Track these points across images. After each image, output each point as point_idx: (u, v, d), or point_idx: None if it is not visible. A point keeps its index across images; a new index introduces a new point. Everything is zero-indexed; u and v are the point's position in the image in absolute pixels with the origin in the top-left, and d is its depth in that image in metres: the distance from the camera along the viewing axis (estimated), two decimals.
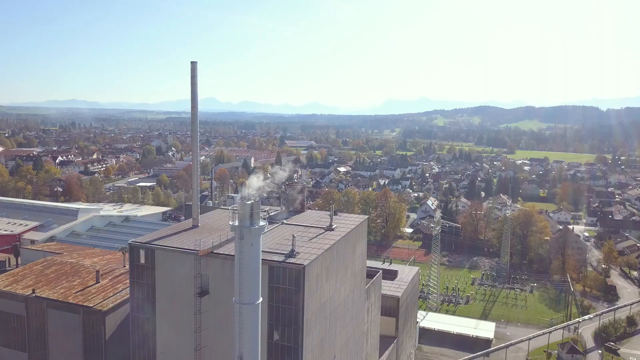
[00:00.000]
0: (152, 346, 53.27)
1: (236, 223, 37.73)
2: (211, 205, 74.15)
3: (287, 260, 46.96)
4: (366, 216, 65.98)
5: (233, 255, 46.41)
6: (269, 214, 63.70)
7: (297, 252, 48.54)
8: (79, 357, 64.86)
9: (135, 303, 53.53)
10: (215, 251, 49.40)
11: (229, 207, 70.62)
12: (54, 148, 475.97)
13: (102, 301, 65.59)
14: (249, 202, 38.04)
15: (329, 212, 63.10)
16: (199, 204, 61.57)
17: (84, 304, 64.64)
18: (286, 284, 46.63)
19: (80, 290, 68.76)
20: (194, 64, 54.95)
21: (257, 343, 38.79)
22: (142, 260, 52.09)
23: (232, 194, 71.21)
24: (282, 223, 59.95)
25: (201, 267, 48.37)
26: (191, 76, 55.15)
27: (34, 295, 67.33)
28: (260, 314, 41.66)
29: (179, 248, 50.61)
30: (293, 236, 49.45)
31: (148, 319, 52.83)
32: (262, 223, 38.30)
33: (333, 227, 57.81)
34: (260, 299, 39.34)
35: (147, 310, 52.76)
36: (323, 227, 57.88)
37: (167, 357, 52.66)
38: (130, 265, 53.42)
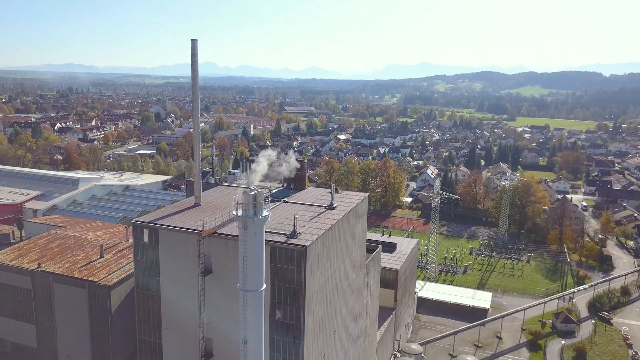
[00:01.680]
0: (157, 322, 54.60)
1: (240, 213, 38.13)
2: (213, 181, 74.39)
3: (289, 241, 47.63)
4: (366, 194, 66.34)
5: (236, 236, 47.15)
6: (270, 191, 64.10)
7: (299, 233, 49.16)
8: (85, 329, 66.57)
9: (140, 280, 54.55)
10: (218, 231, 50.00)
11: (231, 184, 71.11)
12: (52, 114, 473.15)
13: (107, 276, 66.79)
14: (253, 192, 38.34)
15: (329, 190, 63.53)
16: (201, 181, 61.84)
17: (89, 279, 65.84)
18: (288, 264, 47.43)
19: (84, 265, 69.89)
20: (194, 42, 54.16)
21: (261, 328, 39.88)
22: (146, 239, 52.78)
23: (233, 171, 71.34)
24: (284, 201, 60.43)
25: (204, 247, 49.07)
26: (191, 54, 54.43)
27: (39, 269, 68.49)
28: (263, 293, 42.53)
29: (183, 228, 51.19)
30: (295, 217, 49.98)
31: (153, 296, 53.97)
32: (265, 213, 38.70)
33: (334, 205, 58.29)
34: (264, 286, 40.17)
35: (151, 288, 53.83)
36: (324, 206, 58.37)
37: (171, 332, 54.06)
38: (134, 243, 54.14)
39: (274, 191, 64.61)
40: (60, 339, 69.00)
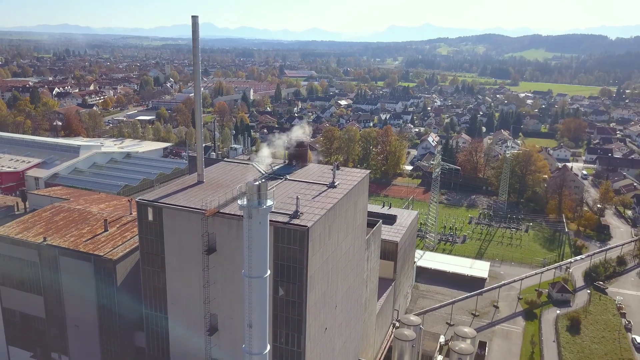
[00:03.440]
0: (163, 297, 55.93)
1: (244, 202, 38.54)
2: (214, 157, 74.55)
3: (292, 222, 48.23)
4: (368, 171, 66.47)
5: (239, 215, 47.80)
6: (272, 168, 64.41)
7: (301, 213, 49.73)
8: (92, 301, 68.10)
9: (145, 258, 55.55)
10: (221, 210, 50.55)
11: (233, 160, 71.31)
12: (50, 78, 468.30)
13: (112, 250, 67.77)
14: (257, 182, 38.61)
15: (331, 167, 63.73)
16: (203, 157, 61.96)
17: (95, 253, 66.81)
18: (291, 244, 48.21)
19: (90, 239, 70.83)
20: (195, 19, 53.32)
21: (265, 312, 41.02)
22: (150, 218, 53.43)
23: (235, 146, 71.31)
24: (286, 179, 60.75)
25: (208, 226, 49.76)
26: (192, 31, 53.67)
27: (45, 243, 69.49)
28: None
29: (186, 207, 51.71)
30: (297, 198, 50.43)
31: (158, 272, 55.08)
32: (269, 202, 39.09)
33: (335, 184, 58.63)
34: (269, 272, 41.04)
35: (157, 265, 54.88)
36: (326, 184, 58.72)
37: (177, 308, 55.46)
38: (138, 221, 54.83)
39: (276, 167, 64.86)
40: (68, 310, 70.64)
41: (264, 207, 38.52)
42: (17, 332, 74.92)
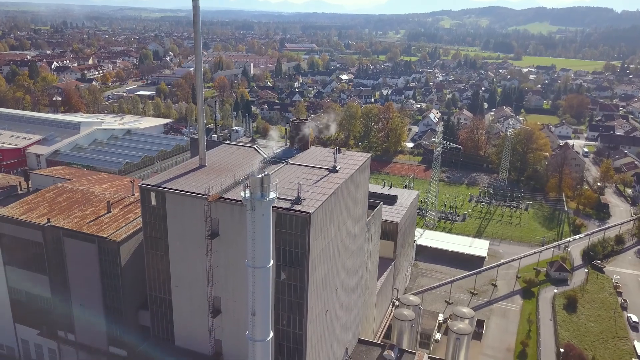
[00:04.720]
0: (166, 280, 56.86)
1: (248, 195, 38.82)
2: (216, 139, 74.53)
3: (294, 208, 48.69)
4: (369, 154, 66.56)
5: (241, 201, 48.13)
6: (274, 151, 64.53)
7: (303, 199, 50.12)
8: (96, 281, 69.18)
9: (148, 241, 56.21)
10: (224, 196, 50.95)
11: (234, 142, 71.37)
12: (48, 52, 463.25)
13: (116, 231, 68.45)
14: (260, 175, 38.81)
15: (332, 150, 63.81)
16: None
17: (99, 234, 67.49)
18: (292, 230, 48.77)
19: (93, 220, 71.42)
20: (195, 2, 52.67)
21: (268, 300, 41.80)
22: (154, 202, 53.89)
23: (237, 128, 71.06)
24: (287, 163, 60.93)
25: (211, 211, 50.24)
26: (193, 14, 53.11)
27: (49, 224, 70.14)
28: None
29: (189, 192, 52.07)
30: (299, 184, 50.74)
31: (161, 255, 55.84)
32: (272, 195, 39.37)
33: (337, 168, 58.84)
34: (272, 262, 41.66)
35: (160, 248, 55.59)
36: (327, 169, 58.93)
37: (180, 290, 56.43)
38: (142, 206, 55.31)
39: (278, 151, 65.00)
40: (73, 290, 71.80)
41: (267, 199, 38.89)
42: (23, 310, 76.34)
